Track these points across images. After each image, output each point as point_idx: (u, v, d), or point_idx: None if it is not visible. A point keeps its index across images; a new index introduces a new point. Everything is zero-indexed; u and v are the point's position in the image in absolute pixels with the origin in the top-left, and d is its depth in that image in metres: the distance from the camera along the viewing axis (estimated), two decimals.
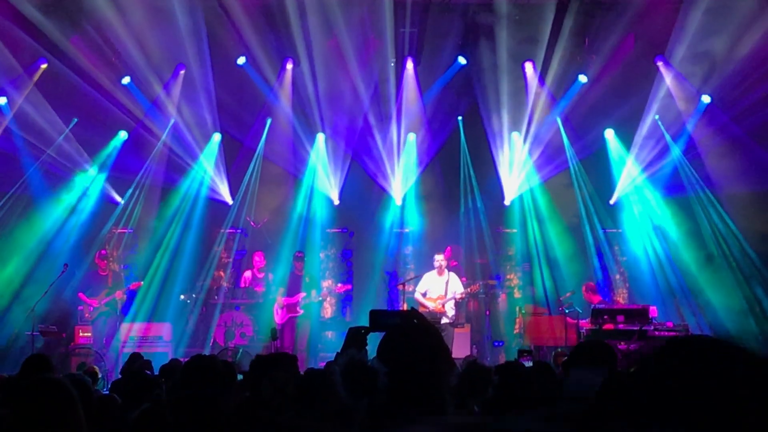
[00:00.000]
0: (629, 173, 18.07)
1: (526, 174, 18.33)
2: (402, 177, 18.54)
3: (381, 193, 18.65)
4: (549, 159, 18.36)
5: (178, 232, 18.20)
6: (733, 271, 17.30)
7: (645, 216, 18.06)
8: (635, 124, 17.77)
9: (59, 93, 17.51)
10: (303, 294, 16.59)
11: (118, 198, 18.33)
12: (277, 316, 16.56)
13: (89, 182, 18.06)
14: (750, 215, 17.02)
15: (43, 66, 17.26)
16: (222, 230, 18.62)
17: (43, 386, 3.40)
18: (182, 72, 17.91)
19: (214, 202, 18.59)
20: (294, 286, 16.76)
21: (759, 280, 17.10)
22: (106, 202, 18.28)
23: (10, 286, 16.81)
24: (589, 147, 18.29)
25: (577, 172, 18.36)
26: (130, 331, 16.09)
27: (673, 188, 17.91)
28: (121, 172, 18.32)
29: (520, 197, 18.49)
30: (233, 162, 18.69)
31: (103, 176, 18.17)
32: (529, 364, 7.59)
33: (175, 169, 18.51)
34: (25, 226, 17.54)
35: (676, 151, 17.77)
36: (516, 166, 18.31)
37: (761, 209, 16.89)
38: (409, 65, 18.08)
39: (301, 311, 16.56)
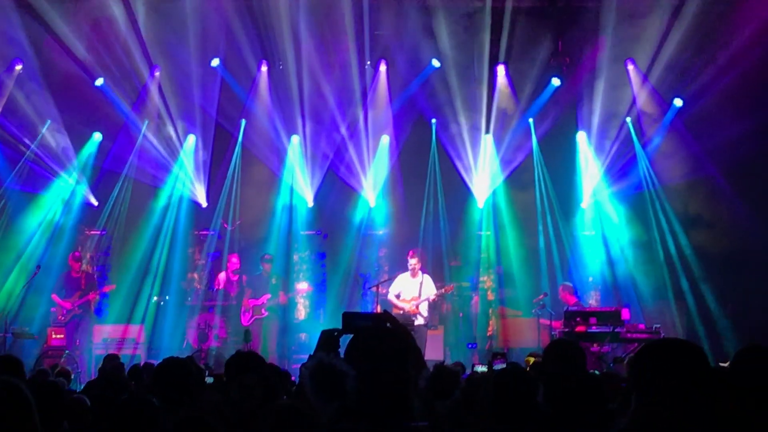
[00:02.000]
0: (598, 176, 18.23)
1: (498, 177, 18.40)
2: (375, 179, 18.55)
3: (354, 196, 18.65)
4: (521, 162, 18.43)
5: (152, 234, 18.13)
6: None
7: (609, 219, 18.27)
8: (606, 127, 17.95)
9: (36, 93, 17.42)
10: (269, 296, 16.69)
11: (93, 200, 18.22)
12: (244, 318, 16.61)
13: (71, 184, 17.98)
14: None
15: (18, 67, 17.17)
16: (196, 232, 18.59)
17: None
18: (157, 73, 17.86)
19: (189, 205, 18.52)
20: (260, 287, 16.81)
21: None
22: (82, 204, 18.19)
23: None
24: (561, 150, 18.41)
25: (548, 176, 18.46)
26: (103, 332, 16.07)
27: (634, 188, 18.18)
28: (96, 174, 18.28)
29: (493, 200, 18.52)
30: (212, 164, 18.60)
31: (83, 180, 18.08)
32: (502, 366, 7.61)
33: (150, 171, 18.40)
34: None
35: (642, 158, 18.01)
36: (488, 169, 18.37)
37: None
38: (383, 68, 18.15)
39: (267, 313, 16.66)
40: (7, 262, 17.21)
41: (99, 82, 17.50)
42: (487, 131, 18.25)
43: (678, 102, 17.57)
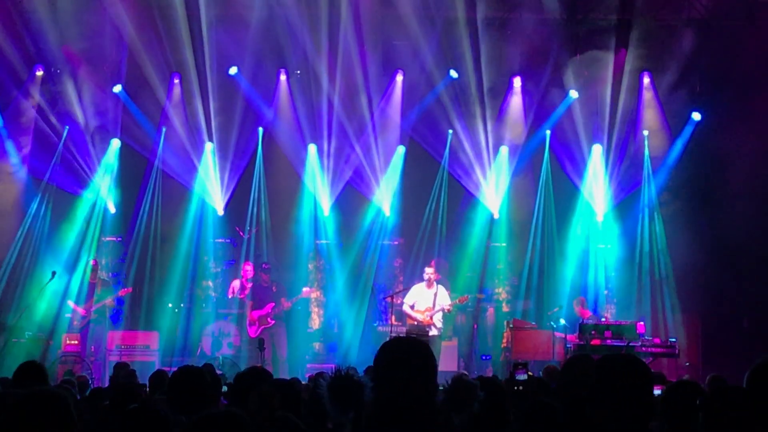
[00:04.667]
0: (611, 189, 18.20)
1: (512, 188, 18.36)
2: (391, 189, 18.51)
3: (370, 205, 18.60)
4: (535, 173, 18.43)
5: (169, 241, 18.13)
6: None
7: (623, 232, 18.23)
8: (623, 140, 17.98)
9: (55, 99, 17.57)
10: (273, 304, 16.63)
11: (111, 207, 18.24)
12: (250, 331, 16.56)
13: (99, 194, 18.03)
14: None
15: (39, 73, 17.28)
16: (212, 240, 18.57)
17: (41, 400, 3.27)
18: (177, 81, 17.92)
19: (207, 213, 18.47)
20: (262, 298, 16.78)
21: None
22: (103, 211, 18.21)
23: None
24: (576, 162, 18.35)
25: (563, 188, 18.42)
26: (117, 339, 16.08)
27: (647, 202, 18.16)
28: (115, 181, 18.34)
29: (508, 211, 18.48)
30: (230, 173, 18.57)
31: (110, 185, 18.14)
32: (523, 377, 7.60)
33: (170, 179, 18.37)
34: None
35: (650, 174, 18.03)
36: (503, 180, 18.33)
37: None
38: (399, 78, 18.17)
39: (273, 321, 16.60)
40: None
41: (117, 88, 17.61)
42: (503, 142, 18.24)
43: (696, 116, 17.56)
